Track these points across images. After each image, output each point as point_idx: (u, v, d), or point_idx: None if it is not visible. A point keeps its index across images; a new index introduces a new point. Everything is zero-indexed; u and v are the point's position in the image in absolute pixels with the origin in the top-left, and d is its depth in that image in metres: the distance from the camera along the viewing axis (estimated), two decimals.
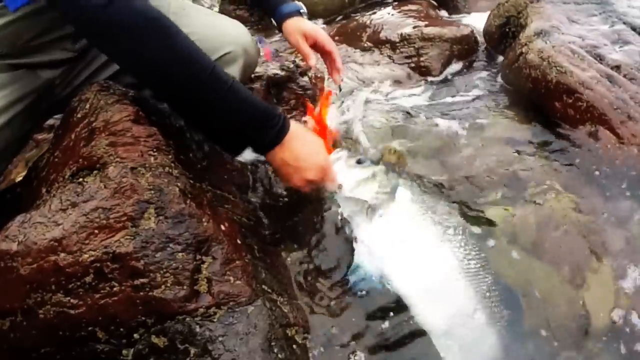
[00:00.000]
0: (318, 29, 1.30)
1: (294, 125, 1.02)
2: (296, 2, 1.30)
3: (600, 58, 1.36)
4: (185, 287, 0.80)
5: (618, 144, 1.20)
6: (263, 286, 0.89)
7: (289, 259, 1.05)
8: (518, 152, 1.23)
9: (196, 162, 1.12)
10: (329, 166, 1.04)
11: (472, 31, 1.76)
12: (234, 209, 1.07)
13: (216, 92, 0.94)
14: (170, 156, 0.91)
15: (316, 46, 1.29)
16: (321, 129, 1.22)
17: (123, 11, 0.87)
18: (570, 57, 1.34)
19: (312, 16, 2.31)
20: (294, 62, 1.43)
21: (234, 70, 1.23)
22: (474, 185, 1.16)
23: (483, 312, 0.95)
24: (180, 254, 0.81)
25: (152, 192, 0.83)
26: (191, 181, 0.93)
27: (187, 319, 0.80)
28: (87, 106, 0.99)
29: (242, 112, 0.97)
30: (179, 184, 0.87)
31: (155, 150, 0.89)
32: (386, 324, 0.95)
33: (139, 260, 0.79)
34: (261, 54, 1.42)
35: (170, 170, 0.88)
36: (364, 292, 0.98)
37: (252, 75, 1.40)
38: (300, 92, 1.40)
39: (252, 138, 1.00)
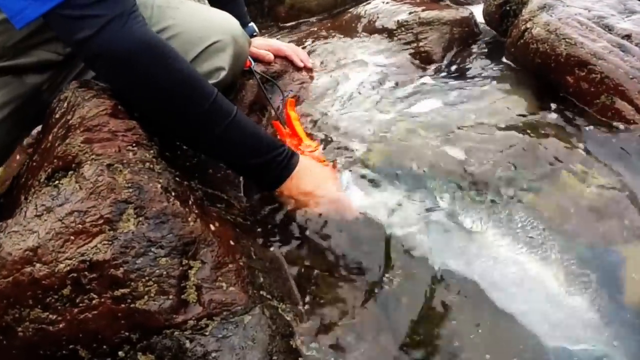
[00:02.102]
0: (270, 42, 1.47)
1: (302, 159, 1.01)
2: (251, 25, 1.45)
3: (609, 28, 1.29)
4: (171, 296, 0.72)
5: (637, 115, 1.13)
6: (261, 292, 0.81)
7: (290, 261, 0.97)
8: (533, 131, 1.16)
9: (185, 159, 1.04)
10: (339, 198, 1.01)
11: (471, 13, 1.70)
12: (227, 208, 1.00)
13: (217, 124, 0.92)
14: (152, 151, 0.84)
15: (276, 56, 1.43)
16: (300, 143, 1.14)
17: (117, 39, 0.85)
18: (578, 28, 1.27)
19: (305, 12, 2.27)
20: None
21: (223, 60, 1.16)
22: (495, 170, 1.08)
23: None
24: (163, 259, 0.73)
25: (131, 190, 0.75)
26: (177, 178, 0.86)
27: (176, 333, 0.72)
28: (65, 105, 0.93)
29: (245, 146, 0.96)
30: (161, 181, 0.79)
31: (134, 145, 0.82)
32: (403, 330, 0.86)
33: (118, 268, 0.71)
34: None
35: (152, 166, 0.81)
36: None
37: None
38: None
39: (256, 174, 0.99)
